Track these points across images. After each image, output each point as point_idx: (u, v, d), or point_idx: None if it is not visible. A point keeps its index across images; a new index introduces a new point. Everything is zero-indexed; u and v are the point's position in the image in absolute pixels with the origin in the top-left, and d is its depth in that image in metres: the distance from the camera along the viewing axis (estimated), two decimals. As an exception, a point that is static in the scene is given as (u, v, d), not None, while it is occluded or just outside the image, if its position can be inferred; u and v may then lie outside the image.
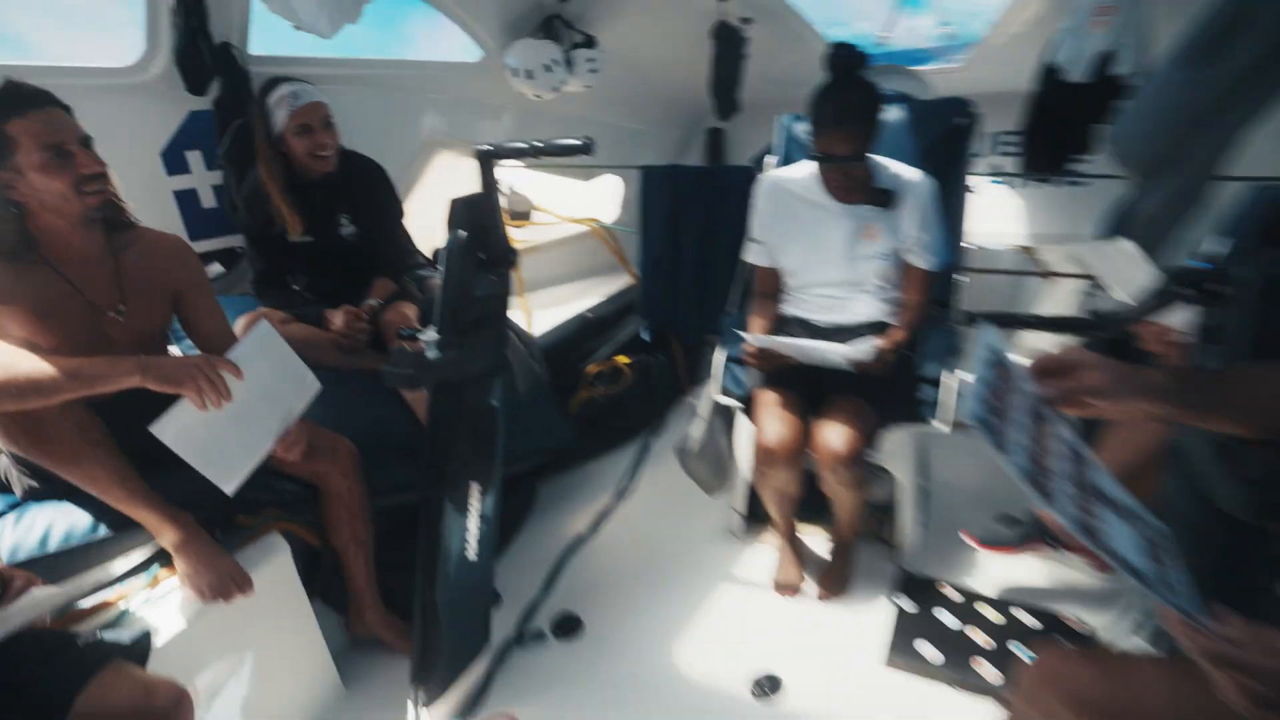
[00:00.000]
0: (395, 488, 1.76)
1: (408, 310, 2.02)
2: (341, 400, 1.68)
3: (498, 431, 1.59)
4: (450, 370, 1.42)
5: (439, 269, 1.47)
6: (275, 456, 1.43)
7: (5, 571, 1.12)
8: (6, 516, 1.38)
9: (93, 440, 1.28)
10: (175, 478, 1.35)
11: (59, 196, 1.26)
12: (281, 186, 1.90)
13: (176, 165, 2.21)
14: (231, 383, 1.29)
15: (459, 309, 1.44)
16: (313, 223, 1.96)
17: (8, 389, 1.13)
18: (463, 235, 1.44)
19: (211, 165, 2.25)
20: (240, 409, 1.31)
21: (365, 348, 1.93)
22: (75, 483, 1.29)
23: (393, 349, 1.41)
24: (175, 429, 1.25)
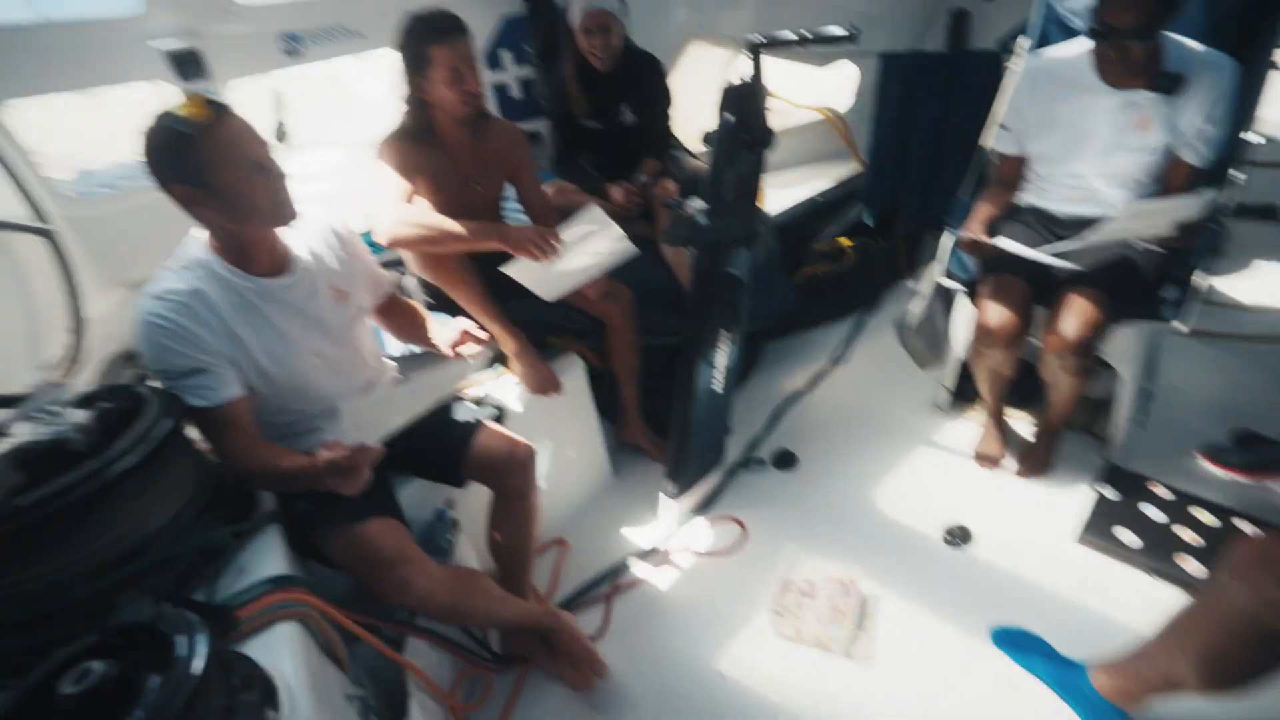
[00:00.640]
0: (658, 330, 2.05)
1: (670, 185, 2.23)
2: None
3: (745, 289, 1.78)
4: (715, 234, 1.61)
5: (708, 148, 1.63)
6: (578, 295, 1.77)
7: None
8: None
9: (469, 272, 1.69)
10: (513, 306, 1.76)
11: (450, 102, 1.61)
12: (576, 78, 2.15)
13: (493, 62, 2.55)
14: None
15: (724, 183, 1.61)
16: (600, 110, 2.21)
17: (430, 237, 1.55)
18: (730, 119, 1.57)
19: (521, 61, 2.56)
20: (565, 259, 1.62)
21: (637, 216, 2.19)
22: (456, 299, 1.72)
23: (669, 215, 1.62)
24: (518, 269, 1.61)
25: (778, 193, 3.03)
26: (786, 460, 2.12)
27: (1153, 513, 1.76)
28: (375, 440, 1.08)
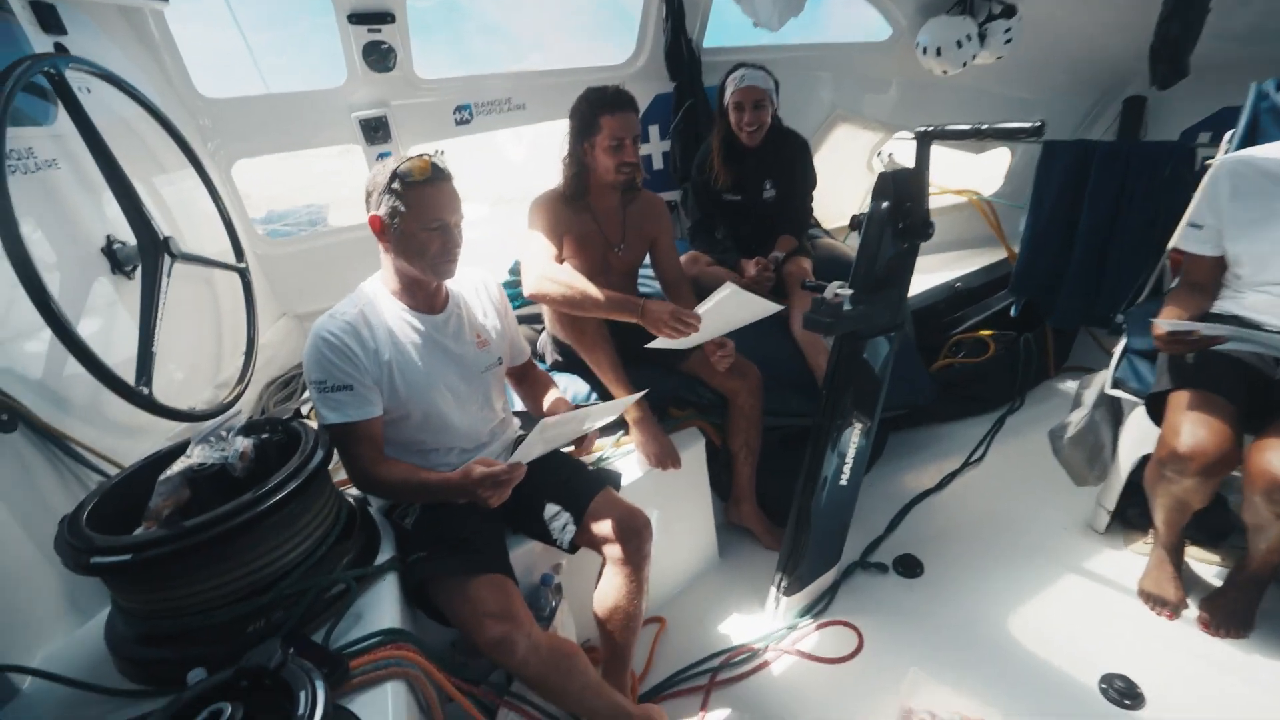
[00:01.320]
0: (782, 411, 1.95)
1: (805, 264, 2.16)
2: (747, 334, 1.90)
3: (884, 380, 1.66)
4: (859, 322, 1.52)
5: (854, 231, 1.56)
6: (705, 368, 1.73)
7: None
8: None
9: (603, 338, 1.70)
10: (639, 374, 1.74)
11: (608, 169, 1.67)
12: (723, 153, 2.16)
13: (641, 136, 2.65)
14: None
15: (872, 270, 1.52)
16: (741, 184, 2.20)
17: (572, 300, 1.58)
18: (884, 206, 1.49)
19: (664, 136, 2.64)
20: (703, 332, 1.60)
21: (767, 292, 2.14)
22: (588, 363, 1.73)
23: (804, 296, 1.55)
24: (658, 343, 1.61)
25: (916, 276, 2.86)
26: (910, 566, 1.91)
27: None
28: (525, 459, 1.20)
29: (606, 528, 1.39)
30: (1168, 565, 1.74)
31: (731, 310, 1.59)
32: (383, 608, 1.11)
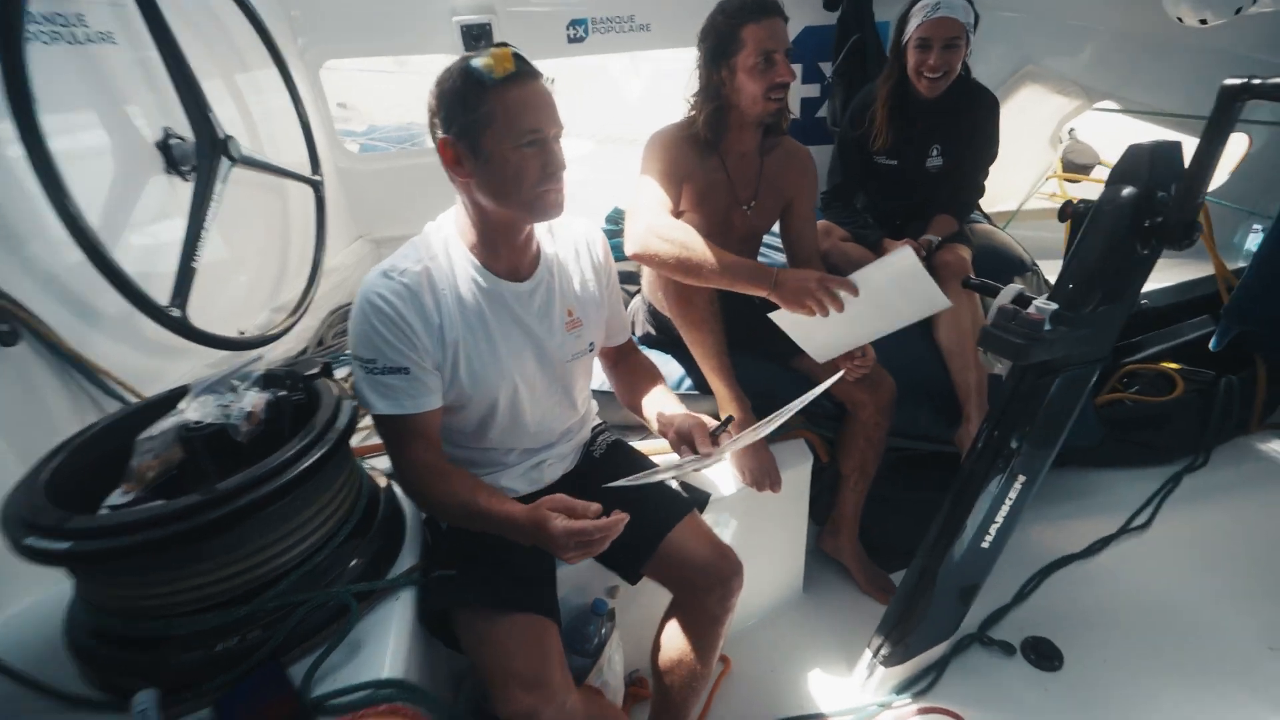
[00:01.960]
0: (909, 431, 1.57)
1: (965, 254, 1.70)
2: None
3: (1068, 424, 1.24)
4: (1060, 349, 1.10)
5: (1065, 222, 1.14)
6: (823, 369, 1.35)
7: None
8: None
9: (714, 315, 1.35)
10: (741, 365, 1.39)
11: (750, 99, 1.27)
12: (890, 104, 1.71)
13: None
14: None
15: (1092, 280, 1.09)
16: (903, 147, 1.75)
17: (686, 264, 1.22)
18: (1125, 192, 1.06)
19: (806, 79, 2.19)
20: (855, 314, 1.20)
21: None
22: (688, 342, 1.39)
23: (997, 308, 1.13)
24: (788, 318, 1.23)
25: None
26: (1045, 655, 1.51)
27: None
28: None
29: (687, 567, 1.10)
30: None
31: (893, 295, 1.18)
32: (388, 637, 0.87)
